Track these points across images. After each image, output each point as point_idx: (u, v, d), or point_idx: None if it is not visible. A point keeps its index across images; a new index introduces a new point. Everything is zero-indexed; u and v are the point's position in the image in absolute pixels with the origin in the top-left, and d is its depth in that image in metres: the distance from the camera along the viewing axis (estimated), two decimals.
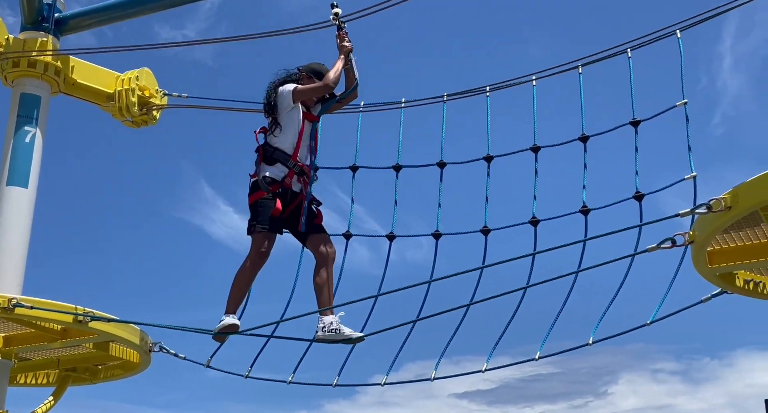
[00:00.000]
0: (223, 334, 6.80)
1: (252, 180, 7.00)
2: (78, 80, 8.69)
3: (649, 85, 7.37)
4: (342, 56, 6.99)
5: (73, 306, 7.55)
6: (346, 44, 7.02)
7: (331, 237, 7.09)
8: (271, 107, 7.02)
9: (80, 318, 7.46)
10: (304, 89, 6.96)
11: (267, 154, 6.94)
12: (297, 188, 6.95)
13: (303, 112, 7.01)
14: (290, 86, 7.00)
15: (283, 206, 6.83)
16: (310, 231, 6.98)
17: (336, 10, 7.08)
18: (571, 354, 6.74)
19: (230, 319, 6.75)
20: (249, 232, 6.91)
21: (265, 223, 6.78)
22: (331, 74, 6.93)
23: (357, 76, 7.08)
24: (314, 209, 7.04)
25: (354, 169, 7.76)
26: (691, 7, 6.88)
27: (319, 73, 7.09)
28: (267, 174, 6.88)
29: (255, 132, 7.10)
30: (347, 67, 7.02)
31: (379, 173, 7.77)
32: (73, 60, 8.72)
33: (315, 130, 7.10)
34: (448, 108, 7.79)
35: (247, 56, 21.40)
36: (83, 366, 9.01)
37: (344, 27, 7.09)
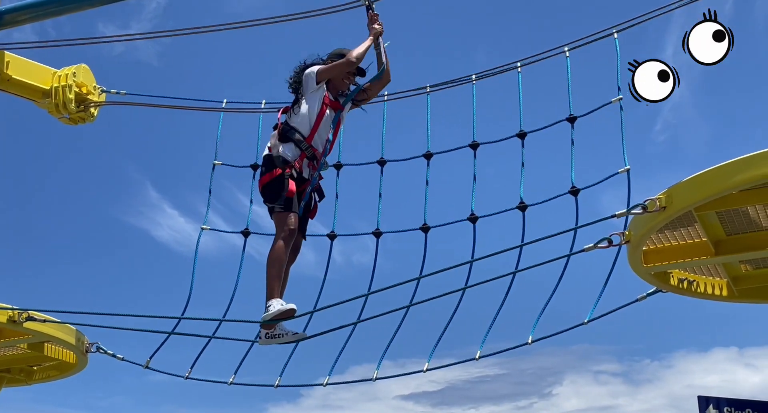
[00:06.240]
0: (276, 321, 6.39)
1: (265, 154, 6.83)
2: (13, 76, 8.47)
3: (592, 89, 7.45)
4: (371, 37, 6.80)
5: (8, 305, 7.42)
6: (376, 26, 6.82)
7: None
8: (297, 85, 6.90)
9: (14, 317, 7.34)
10: (328, 67, 6.83)
11: (283, 131, 6.78)
12: (306, 174, 6.79)
13: (328, 97, 6.86)
14: (315, 67, 6.87)
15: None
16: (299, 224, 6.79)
17: None
18: (517, 355, 6.81)
19: (281, 304, 6.38)
20: (271, 215, 6.71)
21: (281, 203, 6.58)
22: (355, 51, 6.75)
23: (386, 60, 6.82)
24: (314, 201, 6.94)
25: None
26: (631, 11, 7.00)
27: (344, 57, 6.87)
28: (281, 151, 6.70)
29: (279, 110, 6.99)
30: (378, 52, 6.82)
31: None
32: (8, 55, 8.48)
33: (338, 119, 6.91)
34: (389, 106, 7.80)
35: (191, 57, 21.11)
36: (18, 367, 8.85)
37: (374, 8, 6.84)
